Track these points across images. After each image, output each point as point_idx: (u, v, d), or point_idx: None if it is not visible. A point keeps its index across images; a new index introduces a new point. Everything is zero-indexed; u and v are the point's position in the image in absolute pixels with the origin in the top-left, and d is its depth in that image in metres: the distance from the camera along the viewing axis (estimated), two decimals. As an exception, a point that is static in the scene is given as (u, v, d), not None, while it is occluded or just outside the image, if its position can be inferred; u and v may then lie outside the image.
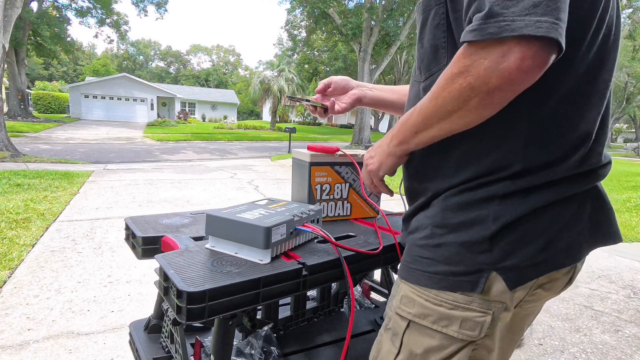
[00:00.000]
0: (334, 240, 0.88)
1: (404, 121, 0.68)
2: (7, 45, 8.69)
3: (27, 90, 24.84)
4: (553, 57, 0.51)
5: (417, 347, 0.68)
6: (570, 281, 0.72)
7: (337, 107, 1.06)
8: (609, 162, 0.69)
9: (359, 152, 1.17)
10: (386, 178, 0.86)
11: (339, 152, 1.12)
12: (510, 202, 0.62)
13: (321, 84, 1.08)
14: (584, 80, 0.61)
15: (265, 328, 1.09)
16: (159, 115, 30.55)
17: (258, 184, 6.68)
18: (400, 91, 1.08)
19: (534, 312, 0.79)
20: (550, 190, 0.62)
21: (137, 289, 2.50)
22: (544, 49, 0.49)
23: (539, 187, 0.62)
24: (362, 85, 1.09)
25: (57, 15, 23.58)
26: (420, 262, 0.68)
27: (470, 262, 0.63)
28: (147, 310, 2.19)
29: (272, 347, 1.08)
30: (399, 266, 0.76)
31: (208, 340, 1.07)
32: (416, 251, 0.69)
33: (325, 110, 1.09)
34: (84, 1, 23.91)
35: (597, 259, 3.57)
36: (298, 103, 1.22)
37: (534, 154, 0.62)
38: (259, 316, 1.12)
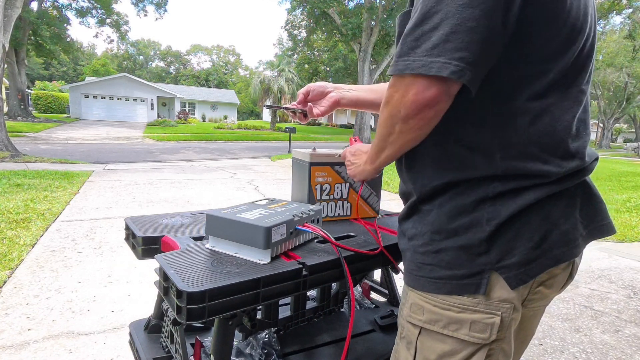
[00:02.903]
0: (334, 240, 0.88)
1: (372, 144, 0.76)
2: (7, 45, 8.69)
3: (27, 90, 24.84)
4: (448, 91, 0.58)
5: (431, 353, 0.69)
6: (570, 277, 0.73)
7: (315, 110, 1.08)
8: (596, 159, 0.71)
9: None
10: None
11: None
12: (501, 202, 0.64)
13: (300, 94, 1.11)
14: (559, 88, 0.63)
15: (266, 331, 1.09)
16: (159, 115, 30.53)
17: (258, 184, 6.68)
18: (379, 89, 1.08)
19: (540, 312, 0.80)
20: (540, 189, 0.64)
21: (137, 289, 2.50)
22: (436, 85, 0.57)
23: (528, 187, 0.63)
24: (339, 87, 1.10)
25: (57, 15, 23.57)
26: (424, 269, 0.69)
27: (471, 265, 0.64)
28: (147, 310, 2.19)
29: (272, 349, 1.08)
30: (403, 273, 0.77)
31: (208, 340, 1.07)
32: (418, 258, 0.70)
33: (305, 115, 1.10)
34: (84, 1, 23.92)
35: (597, 259, 3.57)
36: (280, 109, 1.24)
37: (511, 159, 0.63)
38: (259, 316, 1.12)
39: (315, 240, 1.00)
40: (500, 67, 0.61)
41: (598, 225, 0.72)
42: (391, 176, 7.35)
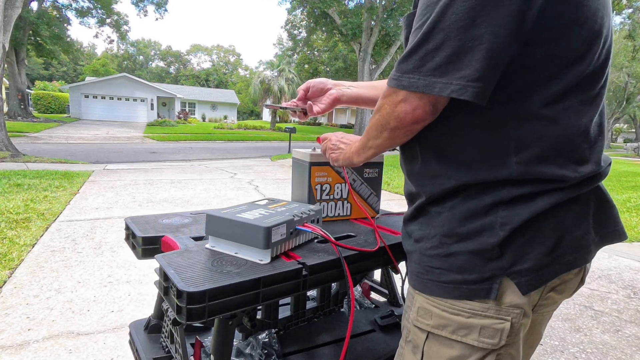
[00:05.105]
0: (334, 240, 0.88)
1: (362, 138, 0.80)
2: (7, 45, 8.69)
3: (27, 90, 24.84)
4: (434, 110, 0.62)
5: (438, 358, 0.68)
6: (581, 282, 0.72)
7: (315, 108, 1.06)
8: (609, 164, 0.70)
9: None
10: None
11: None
12: (515, 207, 0.62)
13: (300, 90, 1.09)
14: (576, 92, 0.62)
15: (266, 331, 1.09)
16: (159, 115, 30.51)
17: (258, 184, 6.68)
18: (379, 86, 1.06)
19: (549, 316, 0.79)
20: (554, 194, 0.62)
21: (137, 289, 2.50)
22: (426, 106, 0.61)
23: (543, 192, 0.62)
24: (339, 84, 1.08)
25: (57, 15, 23.56)
26: (432, 273, 0.68)
27: (482, 270, 0.63)
28: (147, 310, 2.19)
29: (272, 349, 1.08)
30: (407, 276, 0.76)
31: (208, 340, 1.07)
32: (426, 261, 0.69)
33: (305, 113, 1.08)
34: (84, 1, 23.93)
35: (597, 259, 3.57)
36: (280, 108, 1.21)
37: (527, 163, 0.62)
38: (259, 316, 1.12)
39: (315, 240, 1.00)
40: (517, 71, 0.60)
41: (610, 230, 0.71)
42: (391, 176, 7.34)
